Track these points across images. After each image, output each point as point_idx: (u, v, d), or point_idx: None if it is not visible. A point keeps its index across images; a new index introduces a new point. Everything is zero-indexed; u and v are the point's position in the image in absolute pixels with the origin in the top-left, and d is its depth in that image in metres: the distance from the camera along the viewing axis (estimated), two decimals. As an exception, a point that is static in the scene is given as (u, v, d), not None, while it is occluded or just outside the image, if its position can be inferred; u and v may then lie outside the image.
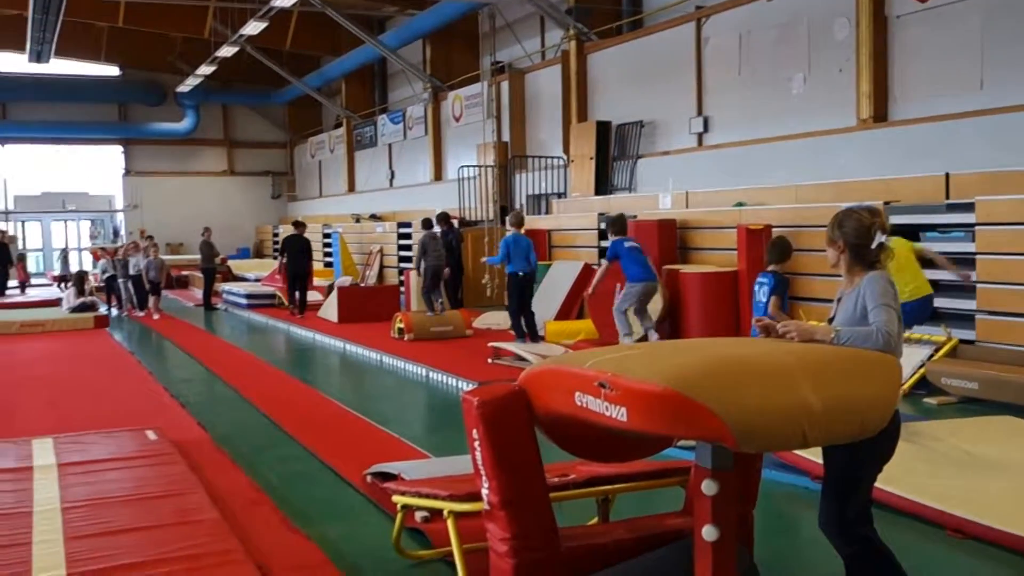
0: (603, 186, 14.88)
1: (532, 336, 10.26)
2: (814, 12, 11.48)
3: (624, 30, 15.58)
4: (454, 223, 14.86)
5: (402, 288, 15.33)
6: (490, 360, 9.31)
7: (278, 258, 16.93)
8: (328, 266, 21.05)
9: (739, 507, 3.10)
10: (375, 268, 19.15)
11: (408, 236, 17.67)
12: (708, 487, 2.68)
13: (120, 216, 29.94)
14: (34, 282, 23.83)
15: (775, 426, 2.57)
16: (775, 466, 5.00)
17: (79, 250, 28.44)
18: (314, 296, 15.77)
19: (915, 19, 10.28)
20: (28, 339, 12.78)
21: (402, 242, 18.37)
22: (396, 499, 3.98)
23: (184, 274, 23.03)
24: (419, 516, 4.33)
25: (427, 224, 12.79)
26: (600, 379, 2.69)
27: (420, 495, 3.80)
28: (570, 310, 11.78)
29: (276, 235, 26.50)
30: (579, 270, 12.02)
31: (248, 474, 5.39)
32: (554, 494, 3.31)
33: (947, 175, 8.72)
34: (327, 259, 21.79)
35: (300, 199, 30.52)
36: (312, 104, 28.30)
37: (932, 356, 7.49)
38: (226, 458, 5.76)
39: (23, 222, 29.05)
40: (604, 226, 10.93)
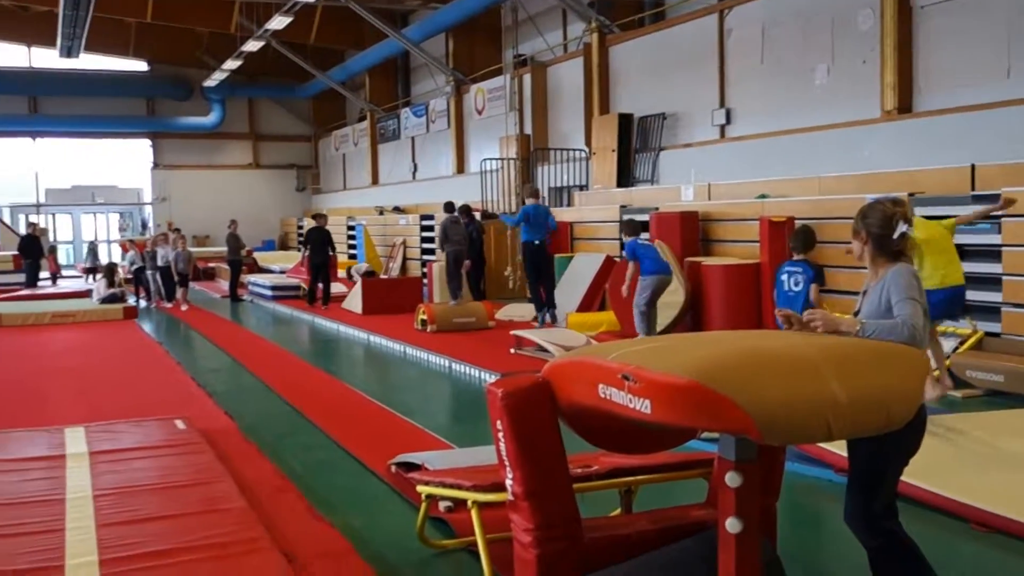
0: (625, 178, 14.84)
1: (549, 303, 10.68)
2: (838, 3, 11.37)
3: (646, 22, 15.51)
4: (476, 215, 14.89)
5: (425, 280, 15.39)
6: (512, 350, 9.35)
7: (302, 250, 17.06)
8: (352, 258, 21.21)
9: (762, 499, 3.10)
10: (398, 260, 19.24)
11: (431, 228, 17.73)
12: (732, 479, 2.68)
13: (148, 209, 30.29)
14: (65, 274, 24.16)
15: (800, 418, 2.56)
16: (798, 459, 5.00)
17: (108, 242, 28.80)
18: (338, 288, 15.87)
19: (940, 9, 10.16)
20: (59, 329, 12.98)
21: (425, 234, 18.43)
22: (420, 489, 4.01)
23: (211, 266, 23.25)
24: (443, 506, 4.37)
25: (449, 208, 12.83)
26: (624, 371, 2.70)
27: (444, 485, 3.84)
28: (592, 302, 11.78)
29: (300, 228, 26.67)
30: (601, 262, 12.01)
31: (274, 463, 5.45)
32: (577, 485, 3.33)
33: (972, 166, 8.62)
34: (351, 251, 21.93)
35: (324, 192, 30.68)
36: (336, 98, 28.43)
37: (957, 348, 7.43)
38: (252, 447, 5.83)
39: (54, 215, 29.47)
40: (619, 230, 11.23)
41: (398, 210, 22.37)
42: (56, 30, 19.93)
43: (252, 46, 21.06)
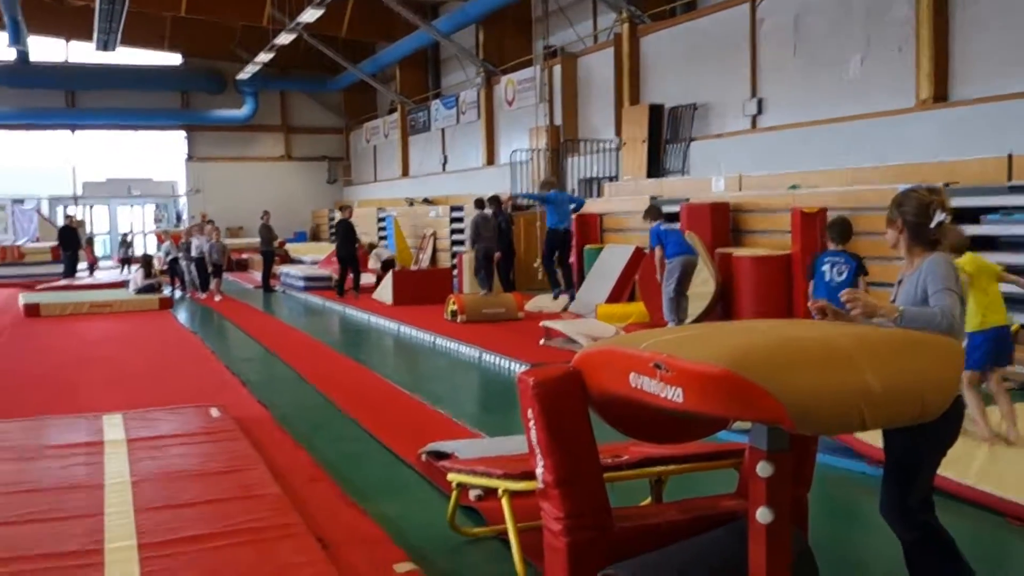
0: (655, 169, 14.77)
1: (566, 286, 11.03)
2: (873, -10, 11.23)
3: (677, 12, 15.40)
4: (505, 205, 14.88)
5: (455, 271, 15.44)
6: (541, 342, 9.36)
7: (335, 242, 17.23)
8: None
9: (794, 489, 3.09)
10: (428, 251, 19.31)
11: (460, 220, 17.77)
12: (763, 469, 2.67)
13: (183, 201, 30.67)
14: (101, 265, 24.55)
15: (833, 407, 2.54)
16: (831, 450, 4.97)
17: (144, 233, 29.23)
18: (367, 279, 16.00)
19: (979, -4, 9.99)
20: (97, 319, 13.20)
21: (455, 226, 18.48)
22: (451, 477, 4.04)
23: (244, 257, 23.50)
24: (473, 494, 4.40)
25: (479, 204, 12.84)
26: (656, 360, 2.70)
27: (475, 473, 3.87)
28: (621, 293, 11.75)
29: (332, 219, 26.85)
30: (630, 254, 11.97)
31: (307, 451, 5.52)
32: (607, 474, 3.34)
33: (1010, 156, 8.47)
34: (382, 243, 22.02)
35: (355, 184, 30.86)
36: (367, 90, 28.57)
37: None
38: (286, 435, 5.91)
39: (91, 207, 29.95)
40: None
41: (428, 202, 22.45)
42: (93, 24, 20.31)
43: (284, 39, 21.20)
